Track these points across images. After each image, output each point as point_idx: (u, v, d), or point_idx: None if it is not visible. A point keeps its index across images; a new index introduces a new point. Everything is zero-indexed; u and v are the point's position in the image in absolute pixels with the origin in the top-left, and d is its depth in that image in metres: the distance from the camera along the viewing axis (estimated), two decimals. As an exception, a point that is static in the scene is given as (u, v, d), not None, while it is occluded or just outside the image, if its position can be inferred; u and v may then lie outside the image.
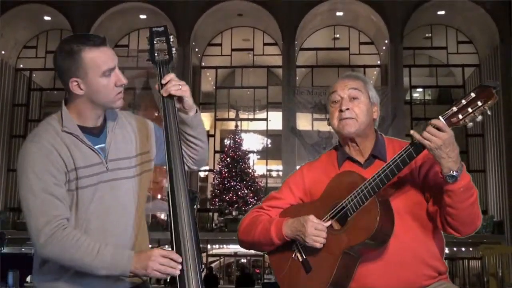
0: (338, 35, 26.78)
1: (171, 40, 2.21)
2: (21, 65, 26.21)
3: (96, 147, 2.07)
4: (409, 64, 25.11)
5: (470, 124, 1.92)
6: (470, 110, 1.89)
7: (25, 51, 26.13)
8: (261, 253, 25.61)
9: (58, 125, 2.06)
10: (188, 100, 2.14)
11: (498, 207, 22.63)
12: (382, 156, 2.24)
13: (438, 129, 1.94)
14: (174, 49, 2.21)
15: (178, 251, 1.91)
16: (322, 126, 24.77)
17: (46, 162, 1.98)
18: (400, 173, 2.08)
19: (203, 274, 1.98)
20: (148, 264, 1.90)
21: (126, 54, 23.96)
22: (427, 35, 26.35)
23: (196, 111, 2.21)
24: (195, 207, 2.04)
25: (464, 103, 1.91)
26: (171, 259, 1.90)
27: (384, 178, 2.05)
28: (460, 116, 1.91)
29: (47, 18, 24.92)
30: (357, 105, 2.25)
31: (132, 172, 2.14)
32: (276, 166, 27.80)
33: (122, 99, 2.11)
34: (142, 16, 24.76)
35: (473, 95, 1.89)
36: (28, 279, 16.86)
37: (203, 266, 2.02)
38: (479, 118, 1.90)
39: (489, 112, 1.89)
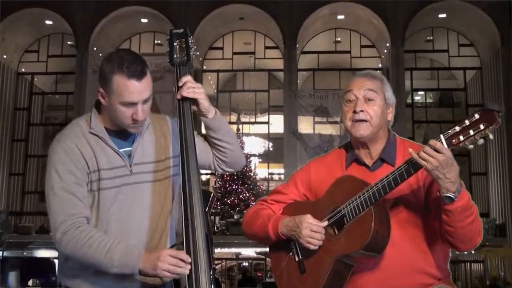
0: (339, 38, 26.75)
1: (191, 41, 2.23)
2: (23, 69, 26.11)
3: (121, 150, 2.11)
4: (410, 67, 25.08)
5: (470, 147, 1.91)
6: (471, 132, 1.87)
7: (26, 55, 26.04)
8: (263, 257, 25.98)
9: (86, 126, 2.11)
10: (203, 102, 2.16)
11: (500, 210, 22.61)
12: (391, 160, 2.21)
13: (436, 150, 1.91)
14: (192, 49, 2.22)
15: (190, 250, 1.94)
16: (324, 129, 25.06)
17: (68, 161, 2.03)
18: (406, 182, 2.06)
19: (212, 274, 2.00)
20: (157, 264, 1.90)
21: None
22: (428, 38, 26.28)
23: (216, 113, 2.22)
24: (209, 207, 2.07)
25: (467, 124, 1.88)
26: (181, 259, 1.91)
27: (382, 189, 2.03)
28: (461, 138, 1.89)
29: (48, 22, 24.87)
30: (372, 107, 2.20)
31: (157, 177, 2.15)
32: (278, 170, 27.72)
33: (138, 129, 2.12)
34: (144, 20, 24.78)
35: (476, 116, 1.87)
36: (30, 282, 16.87)
37: (214, 266, 2.00)
38: (481, 141, 1.88)
39: (491, 136, 1.86)
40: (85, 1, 23.83)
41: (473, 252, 22.45)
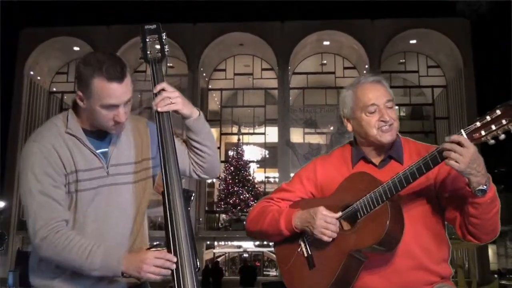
0: (325, 61, 27.87)
1: (164, 38, 2.03)
2: (54, 89, 27.85)
3: (98, 151, 1.96)
4: (386, 85, 27.28)
5: (491, 142, 1.78)
6: (493, 127, 1.76)
7: (57, 77, 27.79)
8: (261, 249, 27.13)
9: (62, 126, 1.95)
10: (183, 112, 1.99)
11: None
12: (399, 158, 2.10)
13: (462, 145, 1.79)
14: (166, 47, 2.03)
15: (174, 250, 1.80)
16: (312, 139, 26.40)
17: (45, 163, 1.88)
18: (416, 181, 1.94)
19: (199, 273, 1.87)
20: (142, 267, 1.79)
21: (143, 79, 23.82)
22: (401, 60, 27.72)
23: (199, 115, 2.04)
24: (189, 207, 1.92)
25: (488, 120, 1.77)
26: (166, 259, 1.79)
27: (399, 184, 1.91)
28: (483, 132, 1.77)
29: (76, 48, 26.58)
30: (392, 112, 2.11)
31: (134, 178, 2.01)
32: (273, 174, 28.24)
33: (119, 129, 1.97)
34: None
35: (498, 112, 1.75)
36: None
37: (198, 265, 1.83)
38: (502, 136, 1.76)
39: None
40: (107, 30, 25.86)
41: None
